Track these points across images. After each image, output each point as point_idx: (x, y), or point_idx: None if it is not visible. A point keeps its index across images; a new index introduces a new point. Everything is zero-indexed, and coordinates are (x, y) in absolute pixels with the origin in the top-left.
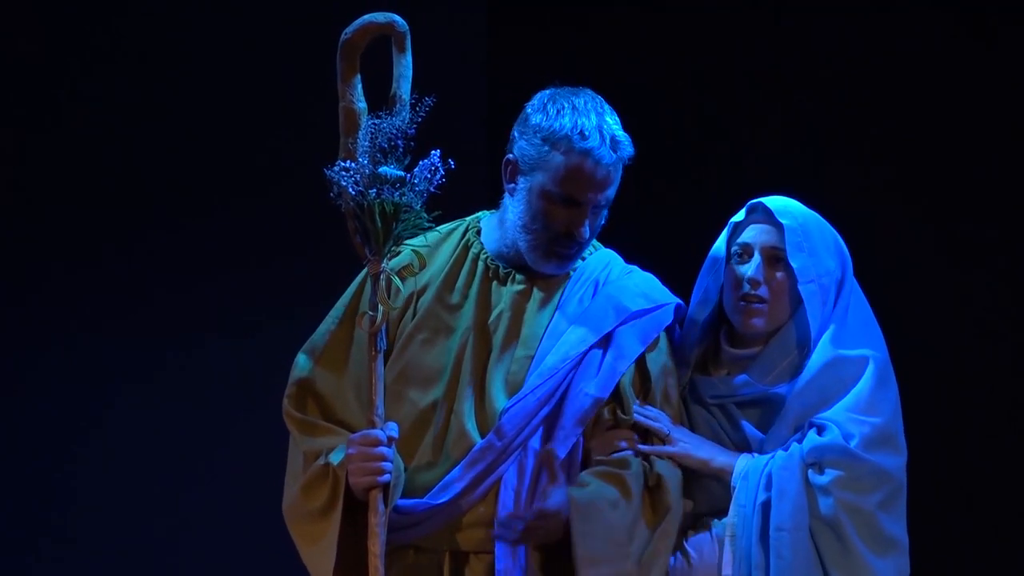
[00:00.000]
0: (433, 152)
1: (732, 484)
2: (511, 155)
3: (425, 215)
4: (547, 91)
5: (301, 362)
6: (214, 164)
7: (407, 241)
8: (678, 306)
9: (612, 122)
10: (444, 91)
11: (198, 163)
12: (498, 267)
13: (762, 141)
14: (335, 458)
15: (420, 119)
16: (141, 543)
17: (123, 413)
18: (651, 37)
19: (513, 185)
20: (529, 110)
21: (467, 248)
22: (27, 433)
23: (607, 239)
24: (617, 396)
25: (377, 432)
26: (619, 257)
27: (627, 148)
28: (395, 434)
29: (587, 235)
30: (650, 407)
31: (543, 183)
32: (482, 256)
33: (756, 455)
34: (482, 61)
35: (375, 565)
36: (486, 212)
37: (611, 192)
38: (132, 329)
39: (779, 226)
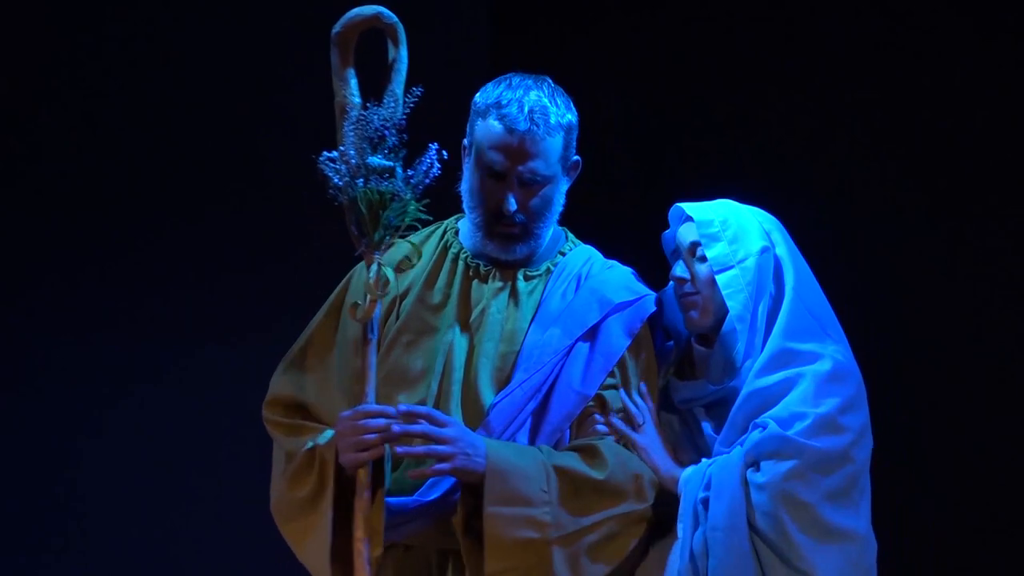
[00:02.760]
0: (431, 145)
1: (678, 492)
2: (465, 140)
3: (417, 204)
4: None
5: (279, 374)
6: (215, 166)
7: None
8: (659, 297)
9: (543, 96)
10: (446, 92)
11: (199, 165)
12: (478, 265)
13: (762, 140)
14: (322, 439)
15: (409, 110)
16: (142, 544)
17: (124, 415)
18: (651, 36)
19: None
20: (476, 94)
21: (446, 248)
22: (28, 435)
23: (601, 237)
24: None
25: (371, 406)
26: (599, 252)
27: (548, 120)
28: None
29: (513, 209)
30: (639, 399)
31: (475, 157)
32: (462, 255)
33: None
34: (484, 62)
35: (359, 550)
36: (462, 214)
37: (537, 165)
38: (133, 331)
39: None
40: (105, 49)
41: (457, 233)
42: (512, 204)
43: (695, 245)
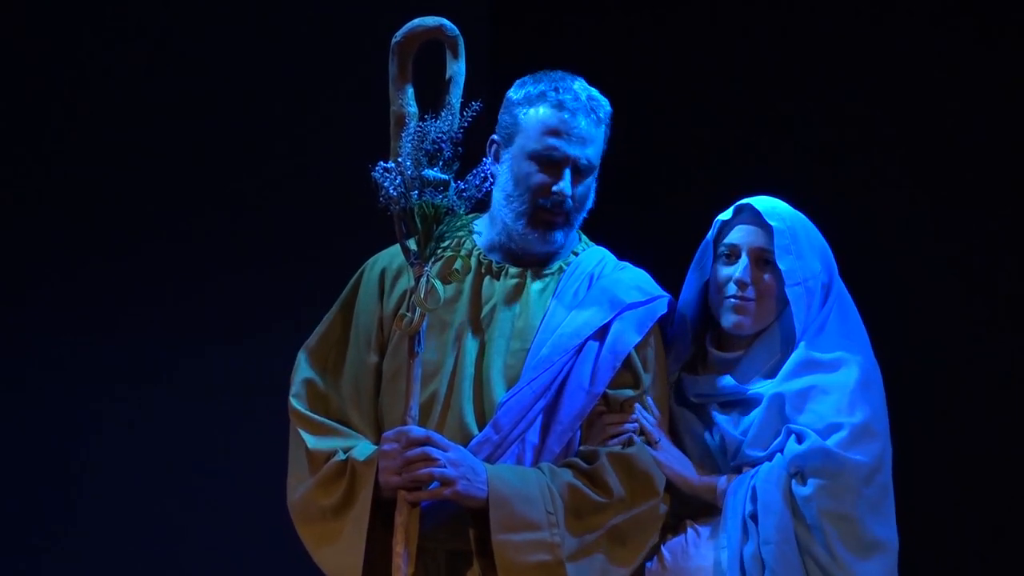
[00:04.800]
0: (485, 159)
1: (716, 501)
2: (495, 136)
3: (467, 219)
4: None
5: (302, 362)
6: (216, 166)
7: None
8: (670, 300)
9: (591, 89)
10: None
11: (200, 165)
12: (491, 262)
13: (760, 139)
14: (359, 455)
15: (467, 124)
16: (142, 545)
17: (124, 415)
18: (652, 36)
19: (497, 164)
20: (510, 91)
21: (459, 245)
22: (28, 435)
23: (607, 237)
24: (613, 383)
25: (416, 431)
26: (612, 254)
27: (604, 108)
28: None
29: (567, 193)
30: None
31: (522, 144)
32: (475, 252)
33: (743, 473)
34: (485, 63)
35: (398, 565)
36: (478, 214)
37: (591, 152)
38: (133, 331)
39: (767, 228)
40: (107, 49)
41: (471, 232)
42: (567, 189)
43: (763, 251)
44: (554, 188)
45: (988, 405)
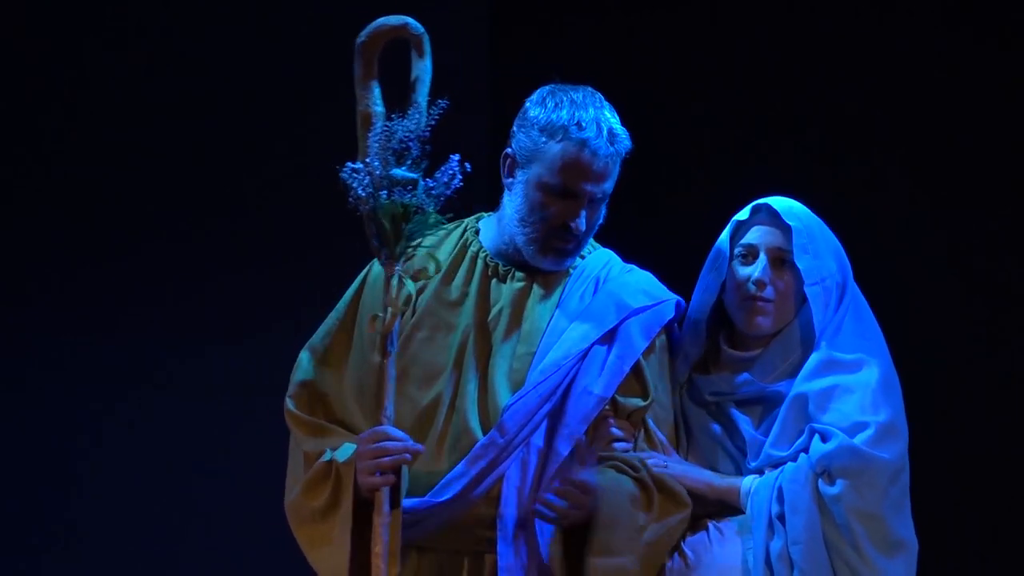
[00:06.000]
0: (452, 156)
1: (742, 502)
2: (509, 149)
3: (439, 217)
4: (547, 86)
5: (303, 362)
6: (216, 167)
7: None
8: (678, 303)
9: (610, 116)
10: (446, 93)
11: (200, 166)
12: (497, 265)
13: (760, 139)
14: (341, 455)
15: (433, 122)
16: (142, 545)
17: (124, 415)
18: (651, 37)
19: (511, 179)
20: (528, 104)
21: (465, 247)
22: (28, 435)
23: (607, 239)
24: (621, 389)
25: (385, 428)
26: (618, 256)
27: (624, 142)
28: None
29: (583, 228)
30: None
31: (540, 174)
32: (481, 254)
33: (763, 473)
34: (485, 63)
35: (377, 566)
36: (485, 213)
37: (608, 186)
38: (133, 331)
39: (785, 228)
40: (107, 49)
41: (477, 232)
42: (583, 224)
43: (781, 251)
44: (569, 223)
45: (988, 405)
